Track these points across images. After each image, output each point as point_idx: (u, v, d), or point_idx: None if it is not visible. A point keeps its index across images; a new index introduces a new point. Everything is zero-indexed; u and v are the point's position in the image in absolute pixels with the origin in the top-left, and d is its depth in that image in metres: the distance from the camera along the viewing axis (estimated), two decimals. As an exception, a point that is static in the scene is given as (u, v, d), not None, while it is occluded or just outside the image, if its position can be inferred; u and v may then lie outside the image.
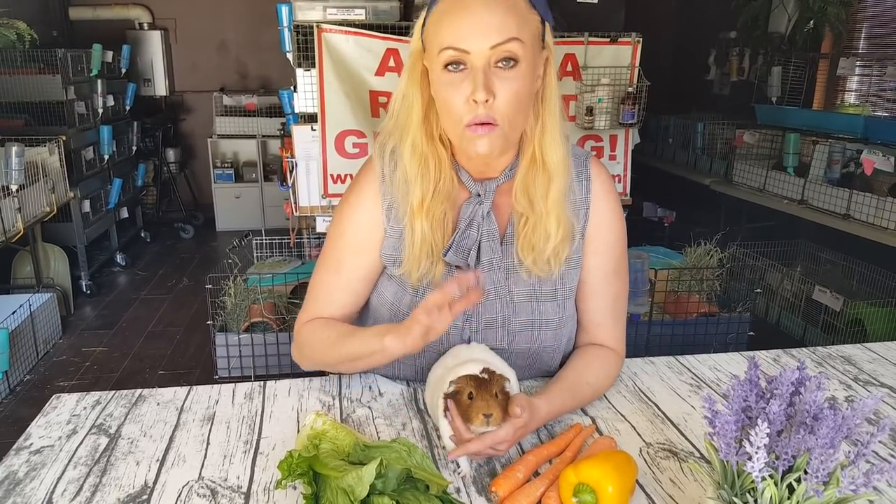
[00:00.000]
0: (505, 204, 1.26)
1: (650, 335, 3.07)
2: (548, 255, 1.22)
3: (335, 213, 1.35)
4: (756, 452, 0.76)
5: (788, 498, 0.77)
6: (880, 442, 1.15)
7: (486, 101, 1.09)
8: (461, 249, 1.23)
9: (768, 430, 0.76)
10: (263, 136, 6.17)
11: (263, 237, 3.69)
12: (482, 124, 1.10)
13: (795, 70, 4.41)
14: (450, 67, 1.11)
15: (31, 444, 1.15)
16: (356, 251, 1.30)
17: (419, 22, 1.18)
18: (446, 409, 1.08)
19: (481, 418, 1.03)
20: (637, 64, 3.24)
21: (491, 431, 1.04)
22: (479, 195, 1.24)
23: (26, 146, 3.72)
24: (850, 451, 0.79)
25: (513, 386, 1.13)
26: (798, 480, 0.77)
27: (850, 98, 4.55)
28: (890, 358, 1.52)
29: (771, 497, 0.77)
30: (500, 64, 1.09)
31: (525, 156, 1.21)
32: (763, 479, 0.77)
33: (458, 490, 1.03)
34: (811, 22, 4.40)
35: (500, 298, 1.26)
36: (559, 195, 1.20)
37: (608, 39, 3.20)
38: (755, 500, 0.78)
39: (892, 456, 1.13)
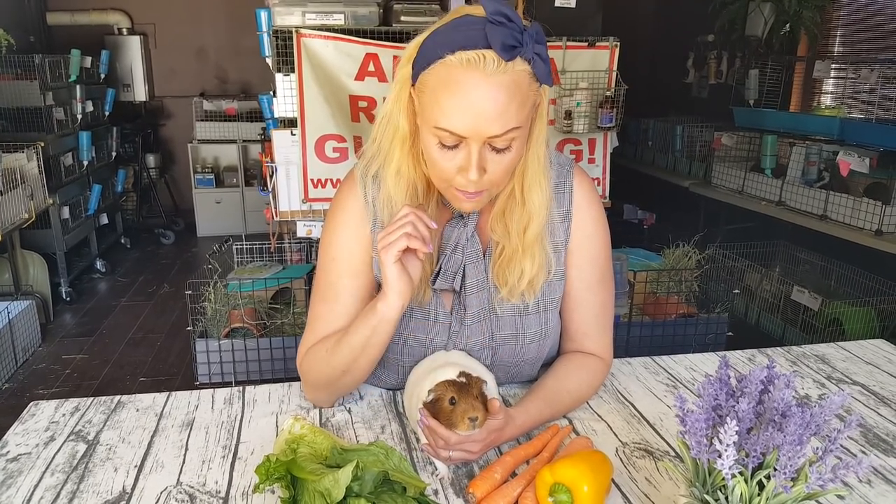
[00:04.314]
0: (486, 221, 1.24)
1: (630, 336, 3.09)
2: (522, 289, 1.22)
3: (321, 239, 1.30)
4: (726, 450, 0.77)
5: (758, 494, 0.79)
6: (852, 439, 1.18)
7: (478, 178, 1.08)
8: (447, 274, 1.22)
9: (737, 428, 0.77)
10: (244, 141, 6.15)
11: (244, 242, 3.68)
12: (471, 192, 1.10)
13: (772, 73, 4.46)
14: (444, 143, 1.07)
15: (8, 451, 1.15)
16: (351, 273, 1.25)
17: (411, 49, 1.11)
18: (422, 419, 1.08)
19: (467, 422, 1.03)
20: (615, 68, 3.26)
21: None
22: (462, 217, 1.21)
23: (4, 152, 3.69)
24: (818, 448, 0.80)
25: (491, 390, 1.13)
26: (768, 477, 0.79)
27: (826, 100, 4.60)
28: (862, 356, 1.54)
29: (741, 494, 0.79)
30: (495, 146, 1.07)
31: (506, 188, 1.19)
32: (733, 476, 0.78)
33: (435, 492, 1.04)
34: (787, 25, 4.46)
35: (485, 319, 1.25)
36: (536, 235, 1.19)
37: (586, 44, 3.22)
38: (726, 498, 0.80)
39: (864, 452, 1.15)
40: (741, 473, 0.79)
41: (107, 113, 5.55)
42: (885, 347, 1.59)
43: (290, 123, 3.13)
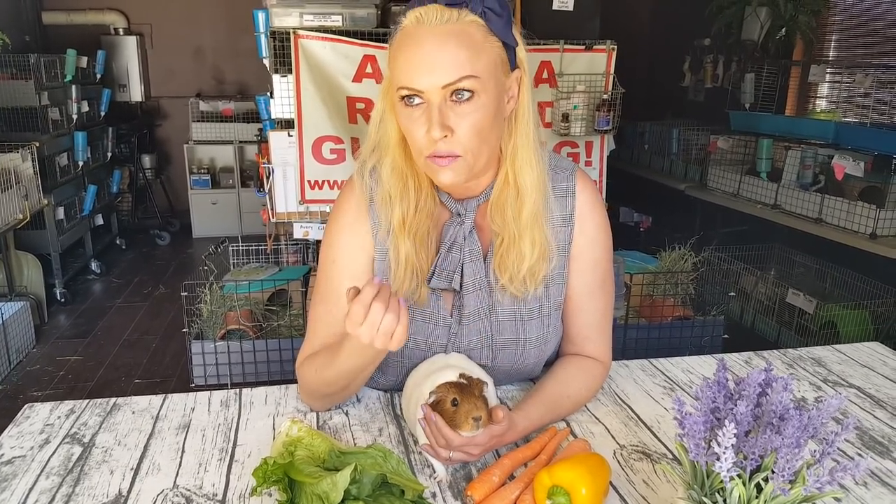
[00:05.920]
0: (488, 223, 1.24)
1: (626, 339, 3.09)
2: (523, 275, 1.21)
3: (322, 241, 1.31)
4: (724, 453, 0.77)
5: (756, 497, 0.79)
6: (848, 441, 1.18)
7: (444, 136, 1.08)
8: (444, 273, 1.22)
9: (736, 431, 0.77)
10: (241, 142, 6.14)
11: (240, 244, 3.67)
12: (444, 156, 1.10)
13: (768, 77, 4.47)
14: (406, 101, 1.10)
15: (3, 454, 1.14)
16: (351, 276, 1.24)
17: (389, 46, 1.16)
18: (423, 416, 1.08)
19: (471, 422, 1.03)
20: (612, 71, 3.27)
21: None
22: (459, 215, 1.22)
23: (-2, 153, 3.68)
24: (815, 451, 0.81)
25: (490, 392, 1.13)
26: (766, 480, 0.79)
27: (822, 104, 4.62)
28: (858, 359, 1.54)
29: (739, 496, 0.79)
30: (455, 97, 1.08)
31: (500, 175, 1.20)
32: (731, 478, 0.78)
33: (433, 495, 1.04)
34: (783, 30, 4.47)
35: (483, 319, 1.24)
36: (531, 216, 1.19)
37: (583, 47, 3.22)
38: (724, 500, 0.80)
39: (860, 454, 1.16)
40: (739, 476, 0.79)
41: (102, 113, 5.54)
42: (879, 350, 1.60)
43: (287, 125, 3.12)
